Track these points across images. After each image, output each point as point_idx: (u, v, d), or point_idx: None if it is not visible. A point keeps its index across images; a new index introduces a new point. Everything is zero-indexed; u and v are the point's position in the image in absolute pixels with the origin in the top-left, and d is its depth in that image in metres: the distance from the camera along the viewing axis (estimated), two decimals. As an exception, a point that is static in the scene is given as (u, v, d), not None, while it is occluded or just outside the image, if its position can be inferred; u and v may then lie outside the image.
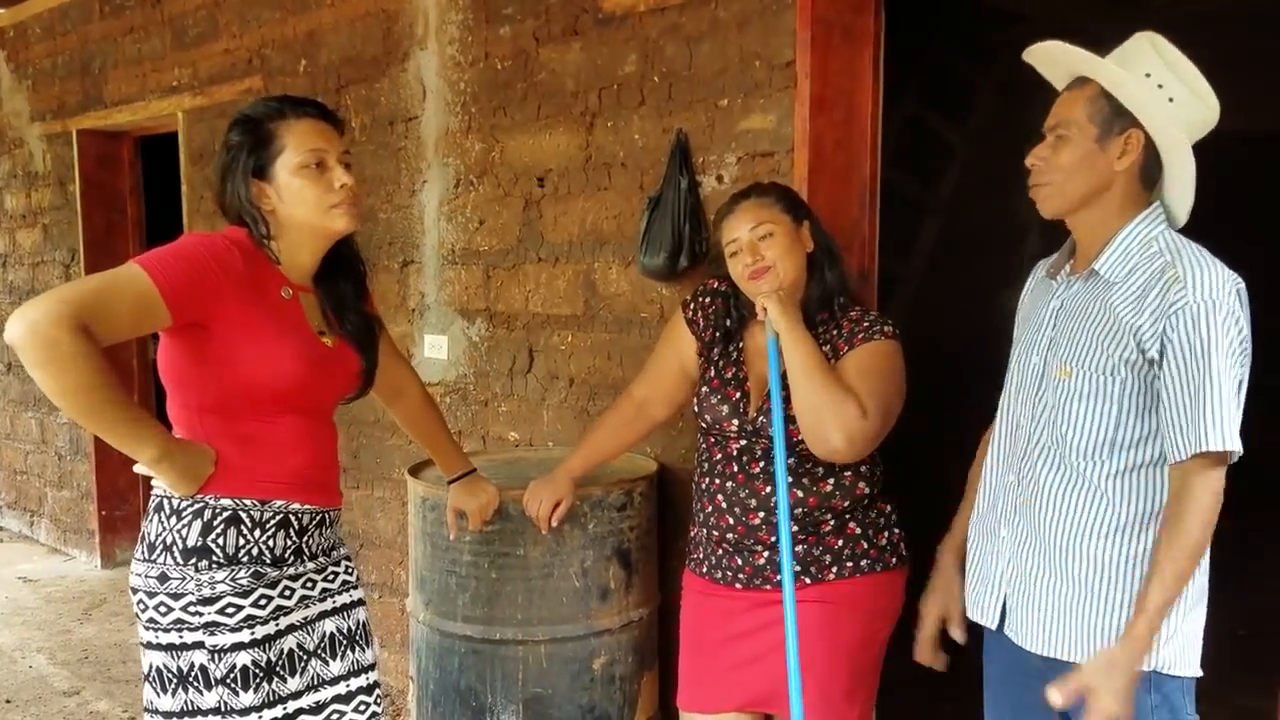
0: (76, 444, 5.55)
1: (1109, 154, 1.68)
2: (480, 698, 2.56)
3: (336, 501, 2.01)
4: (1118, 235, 1.70)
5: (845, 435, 2.02)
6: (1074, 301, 1.76)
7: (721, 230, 2.20)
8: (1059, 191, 1.73)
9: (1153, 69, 1.67)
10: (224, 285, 1.76)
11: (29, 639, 4.43)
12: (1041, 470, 1.76)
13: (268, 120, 1.86)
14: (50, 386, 1.63)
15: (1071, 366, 1.71)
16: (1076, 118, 1.70)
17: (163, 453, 1.75)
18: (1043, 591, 1.75)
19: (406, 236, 3.59)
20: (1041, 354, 1.79)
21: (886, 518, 2.24)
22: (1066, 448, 1.72)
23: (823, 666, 2.11)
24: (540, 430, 3.23)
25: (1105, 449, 1.68)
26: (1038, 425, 1.77)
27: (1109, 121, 1.68)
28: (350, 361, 1.98)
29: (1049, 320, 1.80)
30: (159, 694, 1.86)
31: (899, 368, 2.15)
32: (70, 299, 1.62)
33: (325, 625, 1.97)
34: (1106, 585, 1.69)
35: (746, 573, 2.19)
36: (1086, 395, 1.69)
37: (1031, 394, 1.79)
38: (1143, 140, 1.67)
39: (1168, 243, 1.67)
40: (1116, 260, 1.69)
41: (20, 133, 5.72)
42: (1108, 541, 1.69)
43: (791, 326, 2.07)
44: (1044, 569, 1.75)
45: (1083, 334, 1.71)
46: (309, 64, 3.88)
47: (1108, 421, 1.68)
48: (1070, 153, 1.70)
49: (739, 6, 2.64)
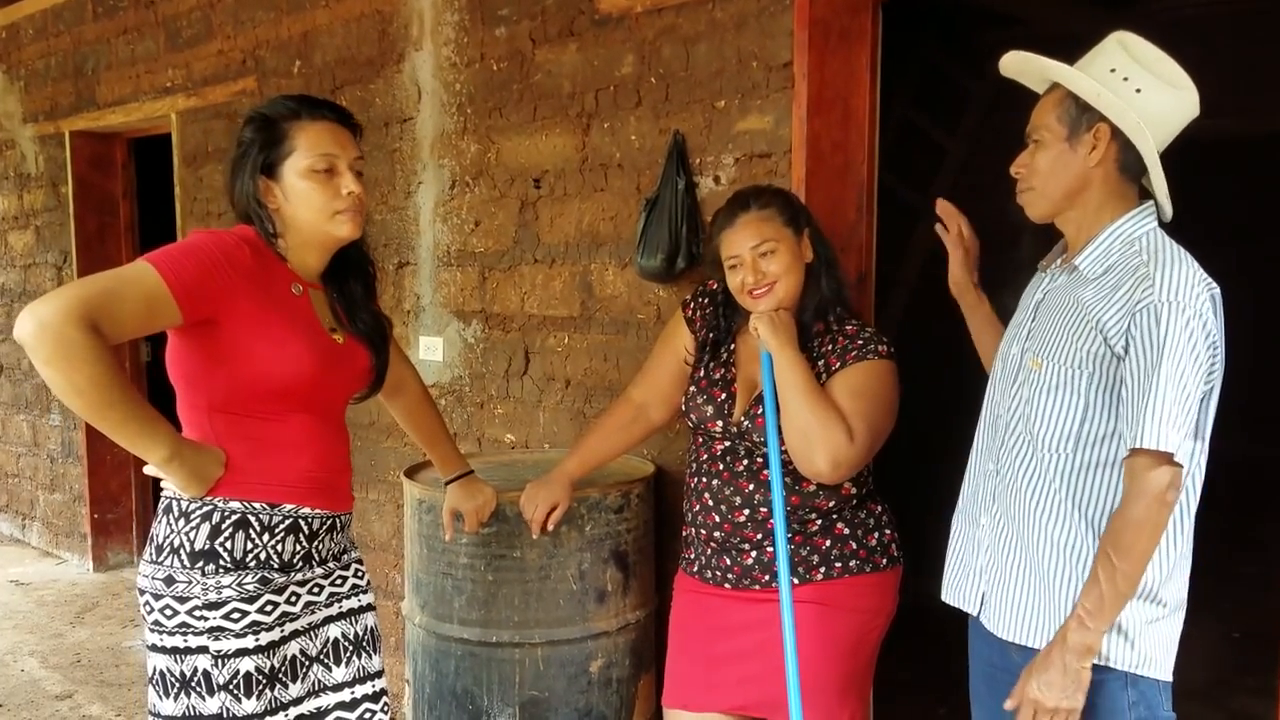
0: (68, 447, 5.53)
1: (1080, 151, 1.71)
2: (477, 701, 2.55)
3: (348, 506, 2.00)
4: (1101, 232, 1.72)
5: (831, 461, 2.03)
6: (1054, 295, 1.79)
7: (720, 242, 2.17)
8: (1041, 195, 1.76)
9: (1118, 64, 1.69)
10: (234, 281, 1.75)
11: (21, 643, 4.41)
12: (1016, 461, 1.78)
13: (282, 120, 1.85)
14: (60, 384, 1.61)
15: (1042, 359, 1.73)
16: (1048, 122, 1.74)
17: (173, 453, 1.73)
18: (1016, 580, 1.77)
19: (402, 238, 3.58)
20: (1021, 345, 1.81)
21: (877, 519, 2.23)
22: (1036, 439, 1.74)
23: (812, 667, 2.10)
24: (536, 432, 3.22)
25: (1071, 442, 1.70)
26: (1014, 416, 1.79)
27: (1076, 120, 1.71)
28: (360, 359, 1.97)
29: (1030, 312, 1.83)
30: (161, 698, 1.84)
31: (892, 389, 2.14)
32: (80, 296, 1.60)
33: (330, 630, 1.96)
34: (1072, 577, 1.71)
35: (735, 573, 2.19)
36: (1055, 388, 1.71)
37: (1010, 384, 1.82)
38: (1109, 132, 1.69)
39: (1149, 243, 1.68)
40: (1097, 257, 1.72)
41: (12, 134, 5.70)
42: (1074, 534, 1.70)
43: (782, 347, 2.06)
44: (1018, 558, 1.77)
45: (1055, 327, 1.73)
46: (303, 65, 3.87)
47: (1074, 415, 1.69)
48: (1044, 156, 1.74)
49: (736, 8, 2.63)
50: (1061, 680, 1.61)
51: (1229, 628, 4.17)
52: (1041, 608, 1.74)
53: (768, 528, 2.13)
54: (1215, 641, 4.03)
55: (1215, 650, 3.89)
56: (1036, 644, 1.73)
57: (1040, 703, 1.62)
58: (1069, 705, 1.61)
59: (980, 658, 1.89)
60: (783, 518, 2.06)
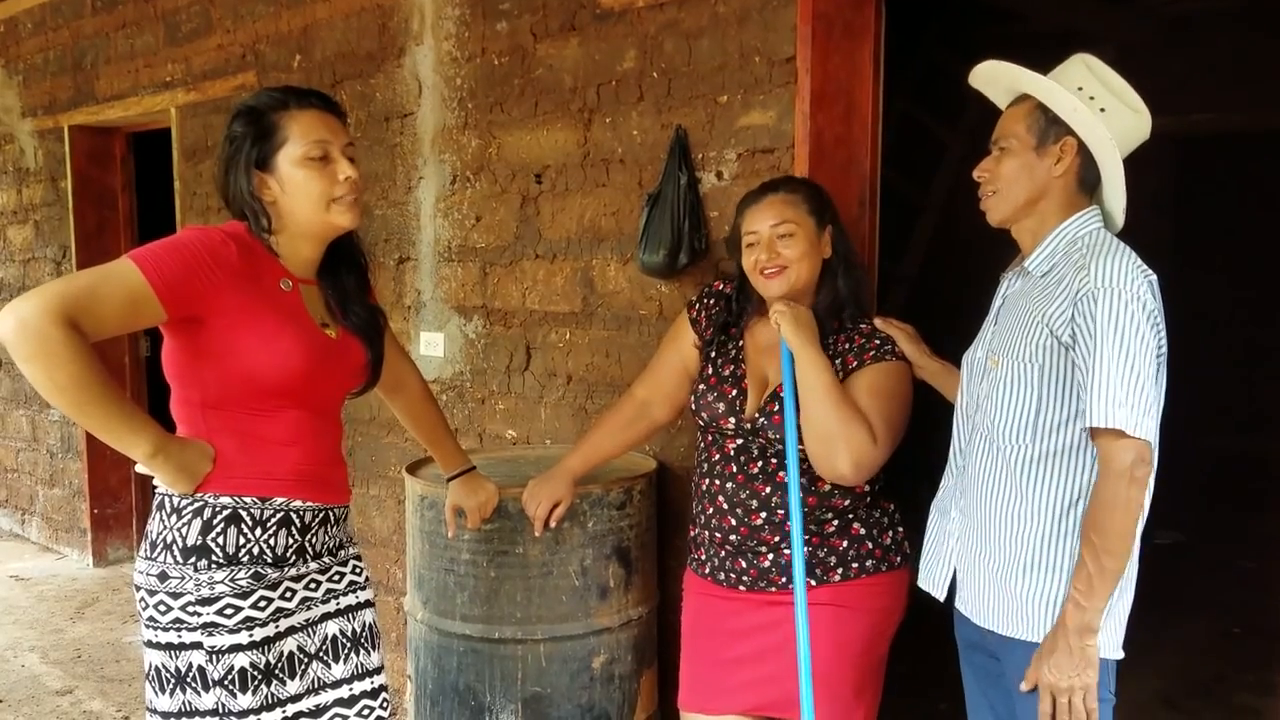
0: (68, 442, 5.52)
1: (1046, 161, 1.81)
2: (479, 697, 2.55)
3: (342, 499, 1.99)
4: (1048, 235, 1.83)
5: (854, 463, 2.03)
6: (1011, 299, 1.90)
7: (744, 218, 2.19)
8: (1003, 199, 1.86)
9: (1085, 83, 1.80)
10: (219, 278, 1.74)
11: (21, 638, 4.41)
12: (979, 454, 1.89)
13: (271, 111, 1.84)
14: (41, 381, 1.62)
15: (999, 356, 1.84)
16: (1017, 130, 1.84)
17: (157, 448, 1.73)
18: (982, 568, 1.88)
19: (402, 233, 3.57)
20: (985, 347, 1.92)
21: (890, 517, 2.23)
22: (995, 432, 1.84)
23: (830, 668, 2.10)
24: (538, 428, 3.22)
25: (1028, 432, 1.79)
26: (978, 411, 1.90)
27: (1045, 131, 1.81)
28: (355, 354, 1.96)
29: (993, 316, 1.95)
30: (158, 694, 1.84)
31: (909, 390, 2.16)
32: (60, 293, 1.61)
33: (328, 627, 1.95)
34: (1034, 562, 1.80)
35: (751, 575, 2.18)
36: (1009, 382, 1.81)
37: (976, 384, 1.93)
38: (1076, 146, 1.79)
39: (1091, 240, 1.78)
40: (1045, 257, 1.83)
41: (11, 128, 5.69)
42: (1034, 521, 1.80)
43: (805, 345, 2.05)
44: (982, 547, 1.88)
45: (1010, 326, 1.85)
46: (304, 59, 3.86)
47: (1029, 406, 1.79)
48: (1010, 162, 1.84)
49: (739, 2, 2.62)
50: (1069, 660, 1.69)
51: (1229, 624, 4.17)
52: (1005, 595, 1.84)
53: (785, 530, 2.11)
54: (1215, 638, 4.04)
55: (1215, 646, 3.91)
56: (1004, 629, 1.84)
57: (1054, 684, 1.70)
58: (1081, 682, 1.69)
59: (961, 635, 2.00)
60: (799, 517, 2.05)
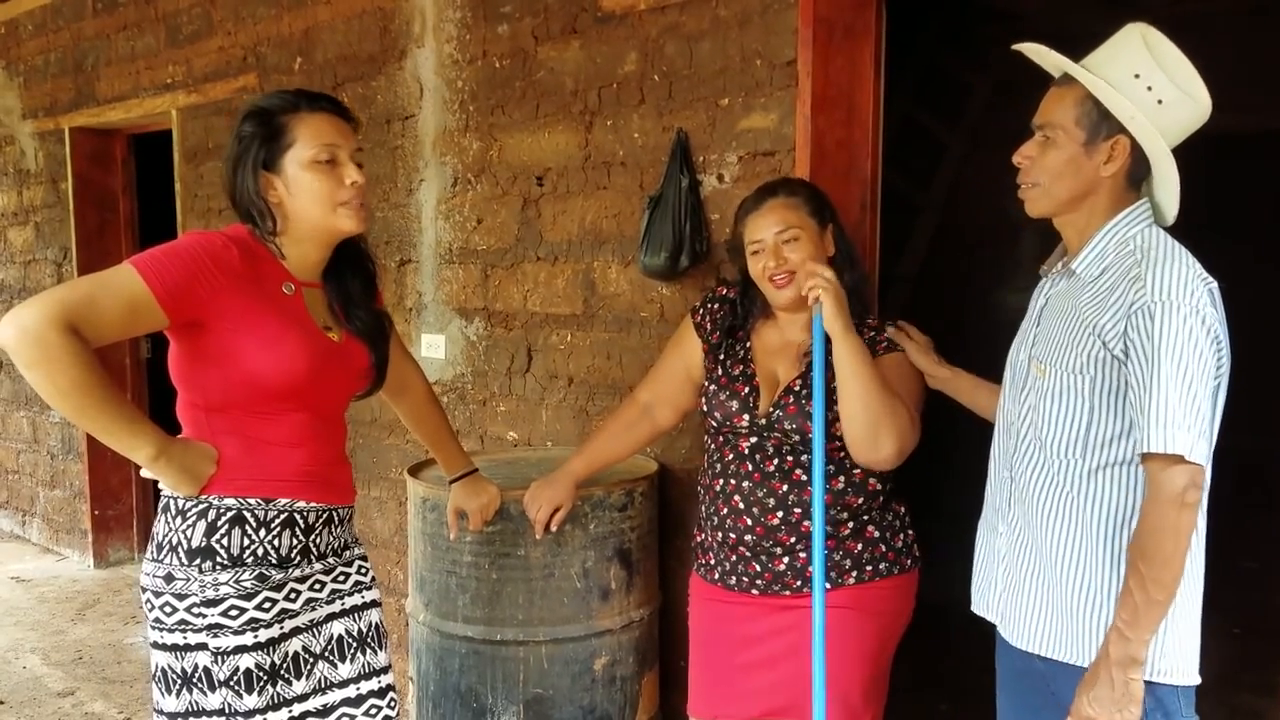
0: (69, 443, 5.53)
1: (1095, 159, 1.69)
2: (481, 699, 2.55)
3: (347, 499, 2.00)
4: (1096, 235, 1.71)
5: (898, 445, 2.01)
6: (1056, 300, 1.78)
7: (745, 225, 2.18)
8: (1046, 194, 1.74)
9: (1142, 68, 1.66)
10: (221, 282, 1.75)
11: (22, 640, 4.41)
12: (1029, 467, 1.77)
13: (280, 113, 1.84)
14: (44, 387, 1.64)
15: (1046, 365, 1.73)
16: (1064, 121, 1.71)
17: (159, 451, 1.74)
18: (1032, 587, 1.76)
19: (404, 235, 3.58)
20: (1027, 351, 1.81)
21: (901, 519, 2.23)
22: (1045, 445, 1.73)
23: (841, 672, 2.09)
24: (539, 430, 3.22)
25: (1079, 446, 1.69)
26: (1024, 423, 1.79)
27: (1096, 127, 1.68)
28: (358, 357, 1.96)
29: (1035, 318, 1.83)
30: (164, 695, 1.85)
31: (923, 383, 2.17)
32: (61, 299, 1.62)
33: (333, 627, 1.96)
34: (1087, 582, 1.69)
35: (765, 579, 2.16)
36: (1060, 393, 1.70)
37: (1019, 391, 1.82)
38: (1129, 147, 1.67)
39: (1142, 242, 1.67)
40: (1092, 260, 1.71)
41: (12, 130, 5.69)
42: (1087, 538, 1.69)
43: (847, 329, 2.01)
44: (1033, 565, 1.76)
45: (1057, 333, 1.73)
46: (305, 61, 3.86)
47: (1080, 419, 1.68)
48: (1056, 156, 1.71)
49: (740, 5, 2.63)
50: (1110, 694, 1.59)
51: (1229, 624, 4.17)
52: (1057, 616, 1.73)
53: (802, 530, 2.10)
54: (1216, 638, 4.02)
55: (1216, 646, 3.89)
56: (1055, 654, 1.72)
57: (1084, 714, 1.61)
58: (1122, 718, 1.59)
59: (1004, 664, 1.88)
60: (821, 503, 2.00)
